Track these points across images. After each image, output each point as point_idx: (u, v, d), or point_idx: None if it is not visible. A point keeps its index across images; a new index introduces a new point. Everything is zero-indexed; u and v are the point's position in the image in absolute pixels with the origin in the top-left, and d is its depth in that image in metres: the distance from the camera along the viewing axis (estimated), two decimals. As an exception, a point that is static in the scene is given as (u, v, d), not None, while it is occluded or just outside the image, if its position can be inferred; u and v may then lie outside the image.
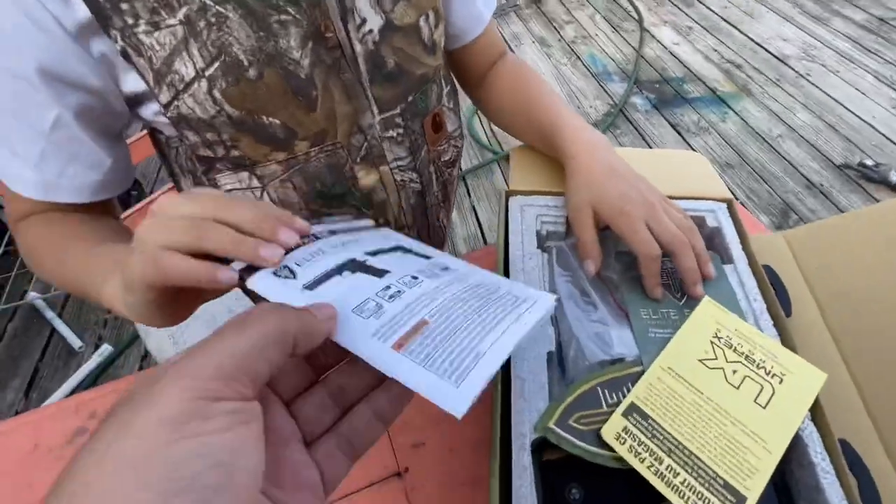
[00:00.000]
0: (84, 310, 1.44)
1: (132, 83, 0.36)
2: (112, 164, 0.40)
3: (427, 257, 0.31)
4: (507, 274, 0.39)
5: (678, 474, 0.27)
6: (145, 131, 0.78)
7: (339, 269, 0.26)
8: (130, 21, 0.33)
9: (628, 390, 0.31)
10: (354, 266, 0.27)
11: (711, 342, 0.33)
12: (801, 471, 0.29)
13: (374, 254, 0.29)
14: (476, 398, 0.20)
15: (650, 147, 1.75)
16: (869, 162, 1.58)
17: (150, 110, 0.38)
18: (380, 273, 0.26)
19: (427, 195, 0.53)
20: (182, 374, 0.15)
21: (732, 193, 1.57)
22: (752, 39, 2.20)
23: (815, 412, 0.30)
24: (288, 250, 0.26)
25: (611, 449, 0.29)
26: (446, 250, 0.54)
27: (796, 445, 0.30)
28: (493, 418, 0.31)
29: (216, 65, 0.35)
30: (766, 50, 2.13)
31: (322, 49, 0.38)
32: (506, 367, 0.34)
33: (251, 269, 0.25)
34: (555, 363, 0.35)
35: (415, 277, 0.26)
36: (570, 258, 0.40)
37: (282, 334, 0.18)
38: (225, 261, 0.25)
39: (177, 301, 0.28)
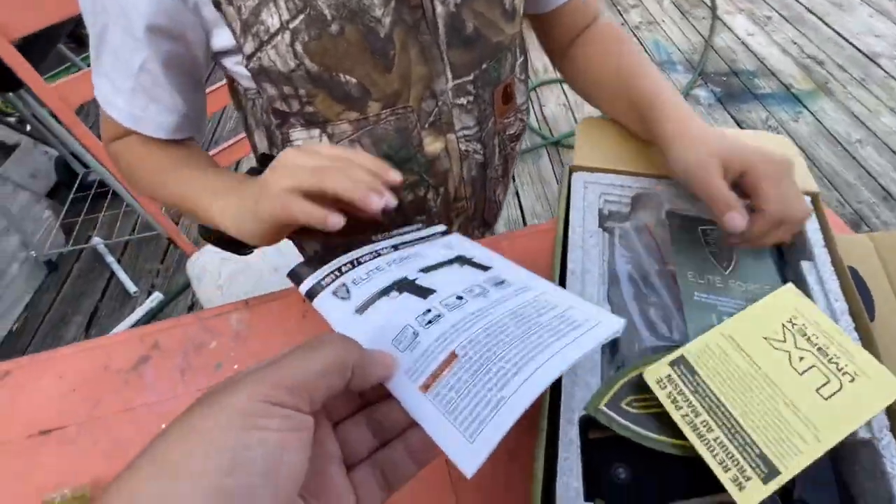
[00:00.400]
0: (140, 259, 1.54)
1: (221, 37, 0.38)
2: (187, 110, 0.43)
3: (485, 268, 0.30)
4: (564, 251, 0.38)
5: (712, 430, 0.27)
6: (218, 85, 0.82)
7: (387, 290, 0.27)
8: None
9: None
10: (402, 286, 0.27)
11: (784, 325, 0.31)
12: (873, 482, 0.27)
13: (428, 269, 0.29)
14: (490, 453, 0.19)
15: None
16: (960, 176, 1.43)
17: (232, 61, 0.40)
18: (425, 293, 0.27)
19: (488, 168, 0.52)
20: (256, 380, 0.18)
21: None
22: (839, 33, 2.02)
23: (893, 419, 0.28)
24: (350, 266, 0.29)
25: (660, 433, 0.28)
26: (514, 211, 0.54)
27: (869, 455, 0.28)
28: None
29: (300, 17, 0.36)
30: (854, 46, 1.95)
31: (404, 8, 0.38)
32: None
33: (317, 289, 0.28)
34: (608, 343, 0.34)
35: (460, 298, 0.26)
36: (634, 240, 0.39)
37: (342, 366, 0.20)
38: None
39: (281, 230, 0.35)
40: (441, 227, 0.37)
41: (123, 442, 0.37)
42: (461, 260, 0.31)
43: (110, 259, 1.51)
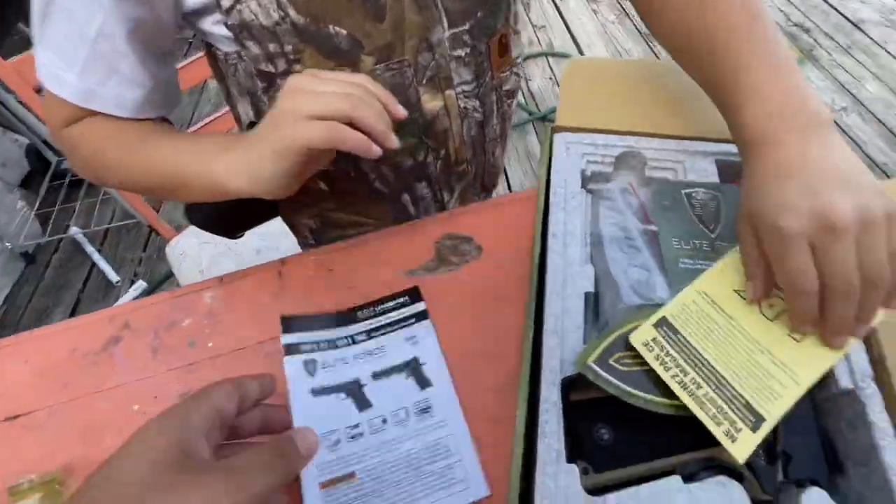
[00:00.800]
0: (121, 247, 1.50)
1: None
2: (154, 84, 0.39)
3: (427, 384, 0.34)
4: (546, 213, 0.37)
5: (701, 387, 0.27)
6: (192, 59, 0.78)
7: (340, 388, 0.34)
8: None
9: None
10: (351, 390, 0.34)
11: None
12: (855, 432, 0.27)
13: (378, 376, 0.35)
14: None
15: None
16: (942, 141, 1.44)
17: (210, 21, 0.37)
18: (364, 405, 0.33)
19: (487, 127, 0.50)
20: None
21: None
22: (826, 0, 2.00)
23: (879, 372, 0.28)
24: (326, 346, 0.36)
25: (648, 392, 0.28)
26: (501, 190, 0.52)
27: (851, 405, 0.27)
28: (524, 354, 0.30)
29: None
30: (840, 13, 1.93)
31: None
32: (539, 305, 0.33)
33: (294, 349, 0.36)
34: (591, 304, 0.33)
35: (384, 421, 0.33)
36: (617, 200, 0.38)
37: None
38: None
39: (305, 169, 0.33)
40: (421, 307, 0.39)
41: (95, 424, 0.36)
42: (412, 366, 0.35)
43: (90, 248, 1.47)
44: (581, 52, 1.92)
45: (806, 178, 0.27)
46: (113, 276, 1.41)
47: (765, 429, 0.26)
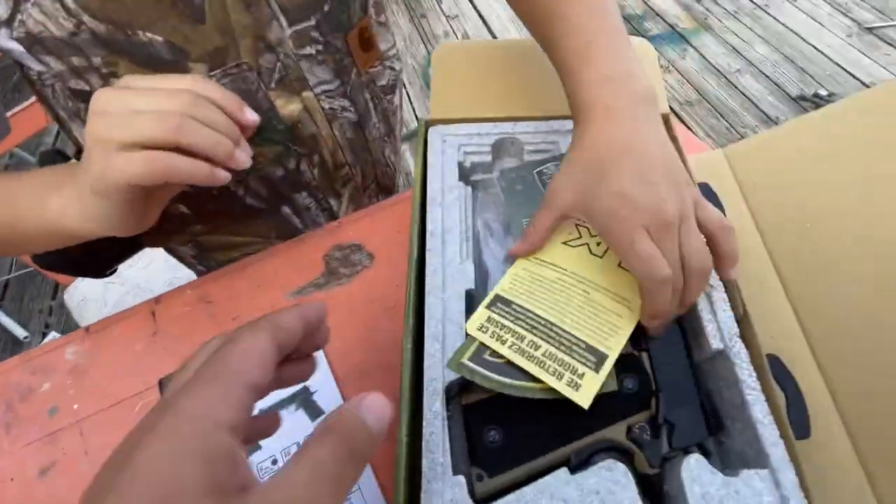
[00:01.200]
0: (26, 299, 1.36)
1: None
2: None
3: (318, 416, 0.32)
4: (423, 211, 0.35)
5: (539, 347, 0.27)
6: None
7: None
8: None
9: None
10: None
11: (576, 225, 0.32)
12: (729, 390, 0.28)
13: (265, 413, 0.32)
14: None
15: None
16: (823, 92, 1.58)
17: (1, 35, 0.31)
18: (252, 448, 0.31)
19: (366, 127, 0.47)
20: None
21: (692, 131, 1.56)
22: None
23: (744, 329, 0.28)
24: None
25: (517, 378, 0.27)
26: (402, 190, 0.50)
27: (724, 364, 0.28)
28: (403, 365, 0.28)
29: None
30: (725, -19, 2.06)
31: None
32: (419, 308, 0.31)
33: None
34: (475, 302, 0.32)
35: (274, 462, 0.31)
36: (497, 189, 0.37)
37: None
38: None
39: (149, 203, 0.29)
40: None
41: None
42: (301, 397, 0.33)
43: (-15, 306, 1.31)
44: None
45: (640, 166, 0.27)
46: (20, 332, 1.27)
47: (607, 365, 0.26)
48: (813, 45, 1.76)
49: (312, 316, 0.19)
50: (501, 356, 0.28)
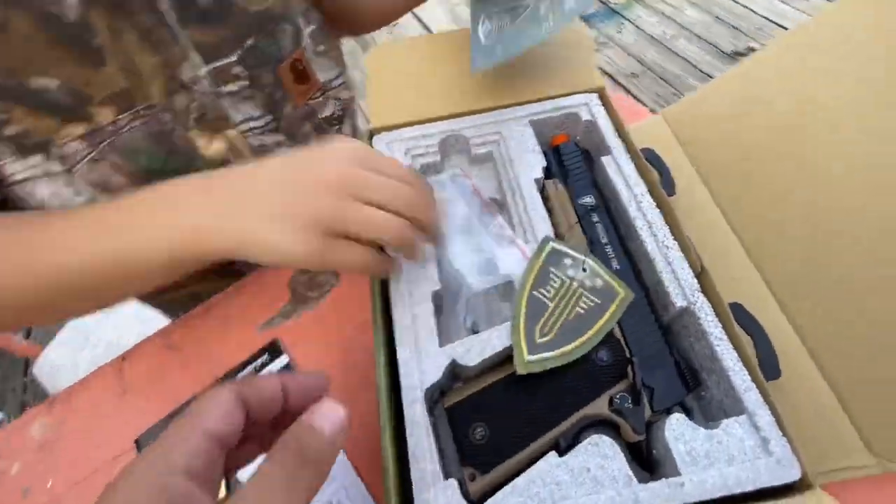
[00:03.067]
0: (-5, 379, 1.29)
1: None
2: None
3: None
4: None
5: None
6: None
7: None
8: None
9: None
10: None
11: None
12: (699, 343, 0.28)
13: None
14: None
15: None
16: (755, 45, 1.64)
17: None
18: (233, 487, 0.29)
19: None
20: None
21: (640, 101, 1.60)
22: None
23: (704, 283, 0.29)
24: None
25: (584, 333, 0.28)
26: None
27: (691, 320, 0.28)
28: (377, 378, 0.28)
29: None
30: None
31: None
32: (387, 314, 0.31)
33: None
34: (443, 303, 0.32)
35: None
36: (449, 188, 0.37)
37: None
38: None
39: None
40: (284, 360, 0.37)
41: None
42: None
43: (-48, 394, 1.24)
44: (437, 40, 1.94)
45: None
46: (-8, 416, 1.21)
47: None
48: (740, 3, 1.83)
49: (302, 381, 0.20)
50: (548, 332, 0.28)
